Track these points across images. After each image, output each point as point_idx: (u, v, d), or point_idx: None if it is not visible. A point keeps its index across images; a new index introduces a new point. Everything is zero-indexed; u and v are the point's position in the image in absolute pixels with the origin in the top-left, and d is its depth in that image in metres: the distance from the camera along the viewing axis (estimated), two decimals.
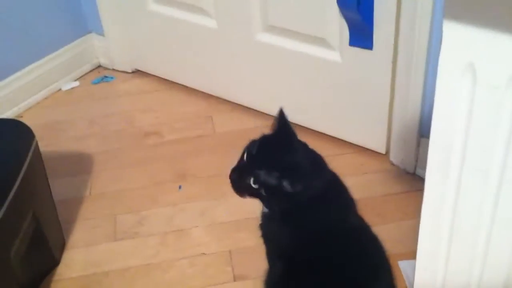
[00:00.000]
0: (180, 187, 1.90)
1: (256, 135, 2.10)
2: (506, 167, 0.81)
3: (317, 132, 2.05)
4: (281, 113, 1.26)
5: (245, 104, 2.21)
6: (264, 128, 2.12)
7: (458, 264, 0.96)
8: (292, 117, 2.07)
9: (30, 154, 1.47)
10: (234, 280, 1.59)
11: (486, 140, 0.81)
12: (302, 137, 2.06)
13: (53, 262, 1.65)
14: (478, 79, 0.81)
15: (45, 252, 1.61)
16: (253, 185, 1.20)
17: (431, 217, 0.94)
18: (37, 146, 1.53)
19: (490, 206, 0.86)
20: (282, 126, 1.27)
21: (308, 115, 2.03)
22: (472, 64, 0.81)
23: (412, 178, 1.85)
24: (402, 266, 1.55)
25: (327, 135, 2.04)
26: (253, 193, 1.22)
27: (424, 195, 0.92)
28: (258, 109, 2.18)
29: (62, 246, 1.71)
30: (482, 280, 0.96)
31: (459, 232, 0.92)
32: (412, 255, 1.05)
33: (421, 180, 1.81)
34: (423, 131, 1.76)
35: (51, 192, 1.65)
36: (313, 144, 2.07)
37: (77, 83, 2.47)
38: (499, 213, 0.86)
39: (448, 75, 0.83)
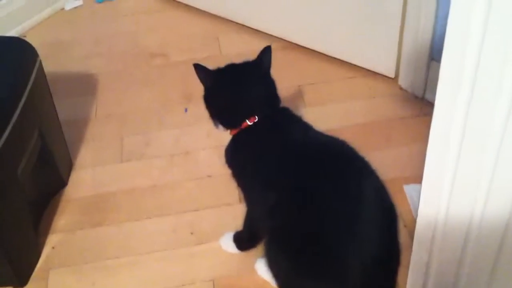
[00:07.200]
0: (186, 110, 1.88)
1: None
2: None
3: (326, 55, 2.02)
4: (266, 50, 1.34)
5: (251, 26, 2.16)
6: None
7: (464, 188, 0.96)
8: (301, 39, 2.05)
9: (34, 73, 1.46)
10: (240, 202, 1.60)
11: (500, 58, 0.79)
12: (311, 60, 2.05)
13: (61, 182, 1.67)
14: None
15: (53, 171, 1.62)
16: None
17: (440, 137, 0.92)
18: (41, 65, 1.51)
19: (500, 127, 0.85)
20: (259, 59, 1.35)
21: (316, 38, 1.98)
22: None
23: (420, 102, 1.83)
24: (407, 190, 1.55)
25: (336, 58, 2.00)
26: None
27: (433, 115, 0.90)
28: (264, 30, 2.13)
29: (69, 167, 1.72)
30: (487, 205, 0.96)
31: (467, 154, 0.91)
32: (418, 179, 1.05)
33: (430, 104, 1.79)
34: (434, 54, 1.73)
35: (56, 112, 1.64)
36: (322, 67, 2.05)
37: (80, 2, 2.41)
38: (509, 134, 0.85)
39: None
